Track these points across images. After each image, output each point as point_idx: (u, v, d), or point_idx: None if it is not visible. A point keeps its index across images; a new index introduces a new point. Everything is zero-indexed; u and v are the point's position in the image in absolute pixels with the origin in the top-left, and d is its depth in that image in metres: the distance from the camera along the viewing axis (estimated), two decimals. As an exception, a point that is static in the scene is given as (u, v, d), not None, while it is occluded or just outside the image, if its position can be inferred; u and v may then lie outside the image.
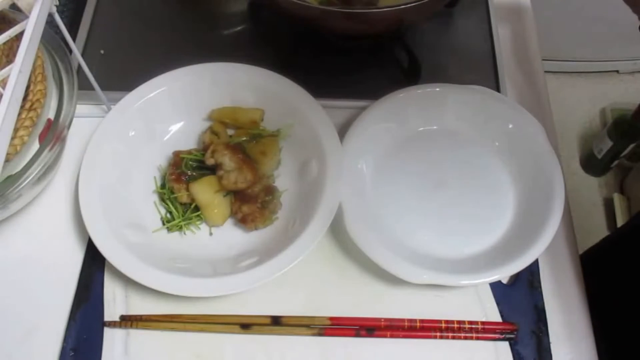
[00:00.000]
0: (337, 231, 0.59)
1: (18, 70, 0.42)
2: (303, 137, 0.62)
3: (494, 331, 0.55)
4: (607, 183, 1.58)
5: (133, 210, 0.59)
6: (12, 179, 0.49)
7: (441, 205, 0.61)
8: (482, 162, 0.64)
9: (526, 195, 0.61)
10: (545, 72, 0.73)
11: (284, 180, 0.62)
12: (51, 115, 0.53)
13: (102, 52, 0.71)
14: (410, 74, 0.71)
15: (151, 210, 0.60)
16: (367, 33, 0.69)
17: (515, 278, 0.58)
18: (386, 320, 0.55)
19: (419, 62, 0.71)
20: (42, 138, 0.51)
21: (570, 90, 1.71)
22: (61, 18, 0.52)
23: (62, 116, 0.53)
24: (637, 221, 0.81)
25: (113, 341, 0.54)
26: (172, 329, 0.55)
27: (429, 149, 0.65)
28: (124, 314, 0.55)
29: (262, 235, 0.59)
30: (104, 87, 0.63)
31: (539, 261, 0.58)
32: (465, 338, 0.55)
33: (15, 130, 0.48)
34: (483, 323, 0.55)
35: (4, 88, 0.41)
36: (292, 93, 0.62)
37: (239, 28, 0.76)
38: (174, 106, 0.64)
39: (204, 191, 0.59)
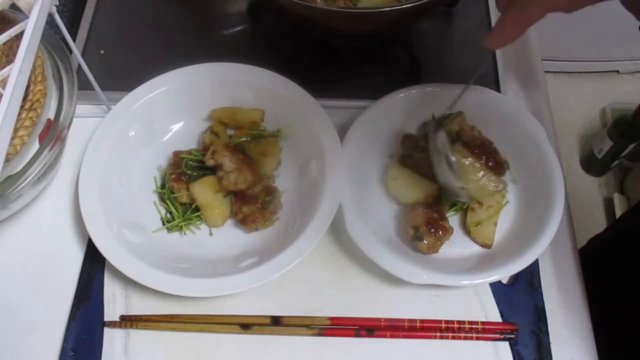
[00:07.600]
0: (337, 231, 0.59)
1: (18, 70, 0.42)
2: (303, 137, 0.62)
3: (494, 331, 0.55)
4: (607, 183, 1.58)
5: (133, 210, 0.59)
6: (12, 179, 0.49)
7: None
8: (482, 162, 0.64)
9: (526, 195, 0.61)
10: (545, 72, 0.73)
11: (284, 180, 0.62)
12: (51, 115, 0.53)
13: (102, 52, 0.71)
14: (410, 74, 0.71)
15: (151, 210, 0.60)
16: (368, 33, 0.69)
17: (515, 278, 0.58)
18: (386, 320, 0.55)
19: (419, 62, 0.71)
20: (42, 138, 0.51)
21: (570, 90, 1.71)
22: (61, 18, 0.52)
23: (62, 116, 0.53)
24: (636, 219, 0.81)
25: (113, 341, 0.54)
26: (172, 329, 0.55)
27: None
28: (124, 314, 0.55)
29: (262, 236, 0.59)
30: (104, 87, 0.63)
31: (539, 261, 0.58)
32: (465, 338, 0.55)
33: (15, 130, 0.48)
34: (483, 323, 0.55)
35: (4, 88, 0.41)
36: (292, 93, 0.62)
37: (239, 28, 0.76)
38: (174, 106, 0.64)
39: (204, 191, 0.59)
